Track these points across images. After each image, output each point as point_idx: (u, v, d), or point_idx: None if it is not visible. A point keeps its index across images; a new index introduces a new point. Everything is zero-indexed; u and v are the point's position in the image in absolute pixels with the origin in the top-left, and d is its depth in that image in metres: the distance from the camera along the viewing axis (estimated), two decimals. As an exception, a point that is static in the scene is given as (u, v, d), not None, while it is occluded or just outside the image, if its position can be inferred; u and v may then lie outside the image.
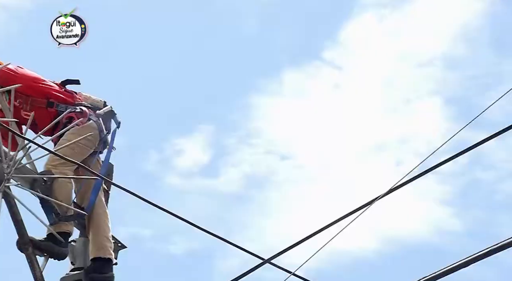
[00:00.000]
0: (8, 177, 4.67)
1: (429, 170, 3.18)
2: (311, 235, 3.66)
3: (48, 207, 4.89)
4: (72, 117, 5.20)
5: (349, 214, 3.41)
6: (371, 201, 3.30)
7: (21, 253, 4.80)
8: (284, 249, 3.80)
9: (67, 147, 4.99)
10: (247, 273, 3.86)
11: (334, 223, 3.45)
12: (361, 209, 3.34)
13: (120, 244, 5.41)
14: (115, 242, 5.31)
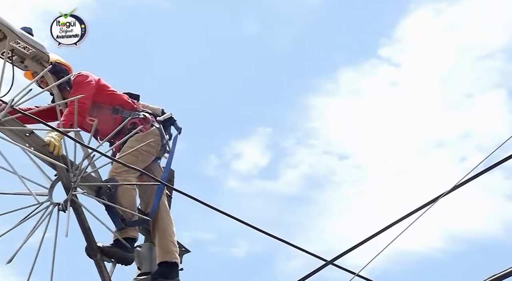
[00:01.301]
0: (75, 186, 4.73)
1: (496, 165, 3.08)
2: (374, 234, 3.59)
3: (114, 214, 4.93)
4: (136, 123, 5.24)
5: (412, 213, 3.33)
6: (435, 198, 3.22)
7: (90, 259, 4.85)
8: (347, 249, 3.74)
9: (130, 154, 5.03)
10: (310, 275, 3.82)
11: (397, 222, 3.38)
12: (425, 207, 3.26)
13: (184, 249, 5.44)
14: (180, 247, 5.34)
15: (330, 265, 3.84)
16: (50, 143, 4.65)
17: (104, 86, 5.28)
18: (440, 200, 3.21)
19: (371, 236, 3.58)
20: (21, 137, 4.54)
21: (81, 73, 5.19)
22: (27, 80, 5.04)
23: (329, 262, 3.83)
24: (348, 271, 3.84)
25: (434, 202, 3.23)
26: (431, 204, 3.24)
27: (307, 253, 4.01)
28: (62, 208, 4.66)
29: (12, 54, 4.70)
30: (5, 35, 4.59)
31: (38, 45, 4.75)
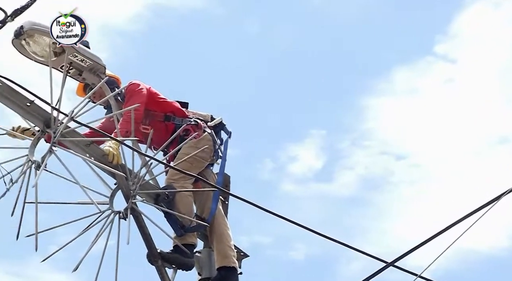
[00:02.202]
0: (134, 194, 4.79)
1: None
2: (436, 234, 3.56)
3: (173, 220, 4.99)
4: (188, 130, 5.29)
5: (476, 211, 3.29)
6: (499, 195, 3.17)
7: (152, 265, 4.91)
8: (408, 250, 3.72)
9: (186, 161, 5.07)
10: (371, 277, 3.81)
11: (461, 221, 3.34)
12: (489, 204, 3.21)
13: (242, 253, 5.47)
14: (238, 251, 5.37)
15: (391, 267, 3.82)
16: (109, 153, 4.72)
17: (155, 94, 5.34)
18: (504, 197, 3.16)
19: (433, 236, 3.56)
20: (81, 148, 4.62)
21: (132, 82, 5.27)
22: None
23: (390, 263, 3.81)
24: (410, 273, 3.81)
25: (498, 199, 3.18)
26: (495, 201, 3.19)
27: (367, 255, 3.99)
28: (123, 216, 4.71)
29: (71, 67, 4.80)
30: (64, 49, 4.69)
31: (94, 57, 4.85)
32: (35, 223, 4.27)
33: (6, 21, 3.86)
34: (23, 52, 4.64)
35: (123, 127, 4.89)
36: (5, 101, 4.26)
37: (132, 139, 4.88)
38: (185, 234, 5.02)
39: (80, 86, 5.26)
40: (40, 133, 4.44)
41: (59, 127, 4.40)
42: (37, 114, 4.39)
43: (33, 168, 4.32)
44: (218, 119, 5.54)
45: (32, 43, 4.61)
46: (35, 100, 4.30)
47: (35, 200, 4.26)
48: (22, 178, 4.31)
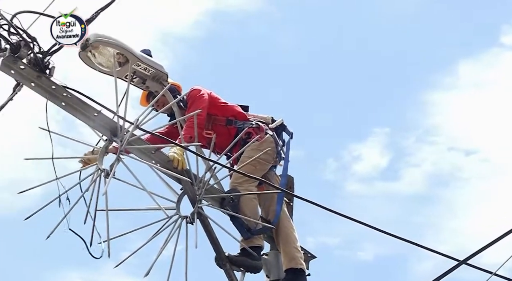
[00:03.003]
0: (200, 198, 4.86)
1: None
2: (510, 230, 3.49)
3: (239, 223, 5.04)
4: (250, 132, 5.34)
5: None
6: None
7: (220, 268, 4.97)
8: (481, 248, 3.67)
9: (249, 164, 5.12)
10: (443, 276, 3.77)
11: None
12: None
13: (310, 255, 5.48)
14: (305, 253, 5.40)
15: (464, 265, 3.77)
16: (174, 159, 4.79)
17: (216, 99, 5.40)
18: None
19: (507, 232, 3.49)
20: (147, 155, 4.71)
21: (194, 87, 5.34)
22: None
23: (463, 261, 3.77)
24: (484, 271, 3.75)
25: None
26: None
27: (438, 253, 3.95)
28: (190, 220, 4.78)
29: (134, 76, 4.89)
30: (127, 59, 4.79)
31: (157, 65, 4.94)
32: (107, 230, 4.36)
33: (73, 35, 3.96)
34: (89, 64, 4.76)
35: (186, 133, 4.96)
36: (74, 112, 4.37)
37: (196, 144, 4.95)
38: (251, 236, 5.06)
39: (143, 96, 5.36)
40: (108, 142, 4.54)
41: (125, 135, 4.49)
42: (104, 123, 4.50)
43: (103, 176, 4.41)
44: (279, 121, 5.57)
45: (98, 54, 4.73)
46: (102, 110, 4.40)
47: (106, 208, 4.35)
48: (92, 186, 4.41)
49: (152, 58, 4.95)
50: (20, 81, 4.07)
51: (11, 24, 3.85)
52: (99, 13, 3.99)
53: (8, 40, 3.88)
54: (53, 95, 4.24)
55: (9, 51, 3.93)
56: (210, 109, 5.28)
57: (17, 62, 4.01)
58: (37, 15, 3.99)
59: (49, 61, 4.09)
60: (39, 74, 4.10)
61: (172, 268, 4.70)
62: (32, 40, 3.97)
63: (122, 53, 4.76)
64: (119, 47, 4.71)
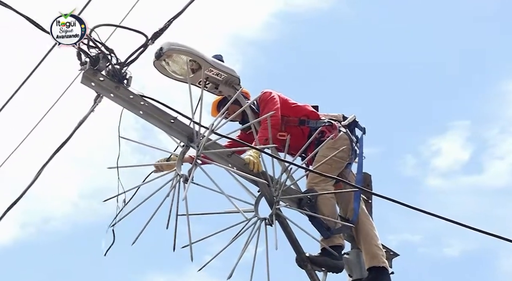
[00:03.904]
0: (277, 200, 5.13)
1: None
2: None
3: (318, 223, 5.28)
4: (324, 131, 5.58)
5: None
6: None
7: (302, 269, 5.23)
8: None
9: (325, 163, 5.37)
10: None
11: None
12: None
13: (392, 253, 5.68)
14: (387, 251, 5.59)
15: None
16: (250, 162, 5.08)
17: (286, 100, 5.67)
18: None
19: None
20: (223, 158, 5.02)
21: (264, 91, 5.63)
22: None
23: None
24: None
25: None
26: None
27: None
28: (269, 222, 5.06)
29: (207, 82, 5.24)
30: (200, 65, 5.14)
31: (229, 70, 5.27)
32: (188, 235, 4.70)
33: (147, 44, 4.32)
34: (163, 72, 5.13)
35: (261, 135, 5.24)
36: (151, 120, 4.73)
37: (271, 146, 5.21)
38: (331, 236, 5.28)
39: (214, 106, 5.68)
40: (185, 147, 4.88)
41: (201, 140, 4.81)
42: (181, 129, 4.84)
43: (182, 182, 4.75)
44: (351, 117, 5.77)
45: (171, 62, 5.09)
46: (177, 116, 4.75)
47: (186, 212, 4.68)
48: (172, 192, 4.75)
49: (224, 63, 5.29)
50: (100, 93, 4.45)
51: (90, 38, 4.24)
52: (171, 22, 4.33)
53: (88, 54, 4.27)
54: (131, 104, 4.61)
55: (89, 64, 4.32)
56: (282, 110, 5.53)
57: (96, 74, 4.39)
58: (113, 27, 4.37)
59: (126, 71, 4.46)
60: (117, 85, 4.47)
61: (254, 270, 4.99)
62: (110, 52, 4.34)
63: (195, 60, 5.11)
64: (192, 54, 5.05)
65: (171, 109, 4.69)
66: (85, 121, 4.36)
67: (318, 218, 5.25)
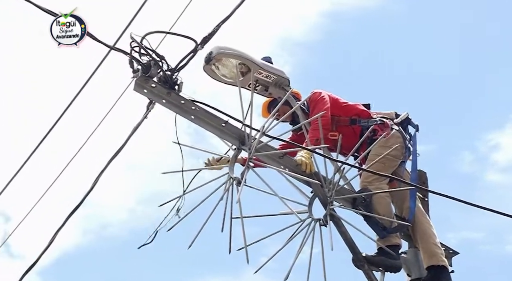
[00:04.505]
0: (331, 200, 5.31)
1: None
2: None
3: (374, 223, 5.45)
4: (376, 130, 5.73)
5: None
6: None
7: (358, 269, 5.39)
8: None
9: (378, 162, 5.51)
10: None
11: None
12: None
13: (451, 251, 5.79)
14: (446, 249, 5.70)
15: None
16: (302, 163, 5.27)
17: (336, 100, 5.85)
18: None
19: None
20: (275, 160, 5.22)
21: (313, 91, 5.82)
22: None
23: None
24: None
25: None
26: None
27: None
28: (323, 222, 5.24)
29: (257, 85, 5.45)
30: (249, 68, 5.37)
31: (278, 71, 5.48)
32: (243, 237, 4.90)
33: (197, 50, 4.56)
34: (213, 76, 5.37)
35: (312, 136, 5.43)
36: (202, 124, 4.96)
37: (323, 146, 5.38)
38: (387, 235, 5.43)
39: (264, 108, 5.91)
40: (237, 150, 5.10)
41: (253, 143, 5.02)
42: (232, 133, 5.06)
43: (235, 184, 4.96)
44: (404, 115, 5.90)
45: (221, 66, 5.33)
46: (229, 120, 4.97)
47: (240, 215, 4.89)
48: (225, 195, 4.97)
49: (273, 64, 5.50)
50: (152, 99, 4.69)
51: (141, 45, 4.49)
52: (220, 26, 4.55)
53: (140, 61, 4.53)
54: (183, 109, 4.84)
55: (141, 72, 4.57)
56: (332, 110, 5.71)
57: (148, 81, 4.63)
58: (163, 34, 4.62)
59: (177, 77, 4.70)
60: (169, 91, 4.70)
61: (310, 271, 5.18)
62: (161, 59, 4.59)
63: (244, 63, 5.34)
64: (241, 57, 5.29)
65: (222, 113, 4.90)
66: (139, 127, 4.61)
67: (373, 217, 5.40)
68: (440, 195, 4.45)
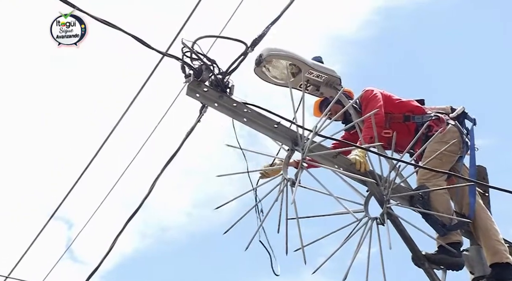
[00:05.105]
0: (387, 199, 5.46)
1: None
2: None
3: (433, 221, 5.57)
4: (431, 125, 5.87)
5: None
6: None
7: (419, 268, 5.53)
8: None
9: (435, 158, 5.63)
10: None
11: None
12: None
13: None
14: (510, 245, 5.78)
15: None
16: (356, 161, 5.44)
17: (389, 97, 6.01)
18: None
19: None
20: (329, 160, 5.41)
21: (366, 89, 5.99)
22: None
23: None
24: None
25: None
26: None
27: None
28: (380, 221, 5.38)
29: (308, 85, 5.66)
30: (300, 68, 5.57)
31: (329, 70, 5.68)
32: (300, 238, 5.10)
33: (247, 52, 4.78)
34: (264, 78, 5.59)
35: (366, 134, 5.60)
36: (255, 126, 5.17)
37: (377, 145, 5.55)
38: (447, 233, 5.54)
39: (316, 107, 6.10)
40: (290, 151, 5.31)
41: (305, 143, 5.22)
42: (285, 134, 5.27)
43: (289, 185, 5.17)
44: (459, 109, 6.01)
45: (271, 68, 5.54)
46: (281, 121, 5.18)
47: (296, 216, 5.09)
48: (280, 196, 5.19)
49: (323, 64, 5.70)
50: (204, 103, 4.92)
51: (192, 50, 4.73)
52: (269, 28, 4.76)
53: (191, 66, 4.78)
54: (235, 112, 5.07)
55: (193, 76, 4.81)
56: (385, 107, 5.86)
57: (200, 85, 4.86)
58: (214, 38, 4.86)
59: (229, 80, 4.94)
60: (221, 94, 4.94)
61: (369, 270, 5.35)
62: (212, 63, 4.82)
63: (295, 64, 5.54)
64: (291, 58, 5.50)
65: (274, 114, 5.11)
66: (192, 132, 4.86)
67: (432, 215, 5.52)
68: (501, 190, 4.53)
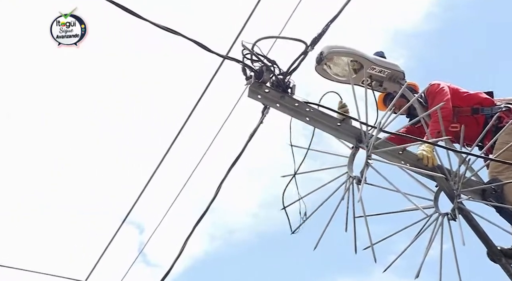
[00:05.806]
0: (458, 193, 5.60)
1: None
2: None
3: (507, 214, 5.69)
4: (501, 117, 6.00)
5: None
6: None
7: (495, 263, 5.65)
8: None
9: (507, 150, 5.76)
10: None
11: None
12: None
13: None
14: None
15: None
16: (423, 157, 5.60)
17: (456, 90, 6.17)
18: None
19: None
20: (395, 156, 5.57)
21: (431, 83, 6.15)
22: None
23: None
24: None
25: None
26: None
27: None
28: (451, 217, 5.53)
29: (371, 80, 5.86)
30: (362, 65, 5.76)
31: (391, 65, 5.86)
32: (368, 236, 5.31)
33: (307, 51, 5.03)
34: (326, 76, 5.79)
35: (433, 128, 5.77)
36: (317, 125, 5.39)
37: (444, 139, 5.70)
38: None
39: (380, 101, 6.27)
40: (354, 149, 5.53)
41: (370, 140, 5.43)
42: (348, 131, 5.48)
43: (355, 183, 5.38)
44: (532, 99, 6.15)
45: (333, 65, 5.74)
46: (344, 119, 5.40)
47: (363, 214, 5.30)
48: (346, 194, 5.40)
49: (385, 59, 5.89)
50: (266, 104, 5.16)
51: (253, 52, 4.98)
52: (329, 26, 4.99)
53: (252, 68, 5.04)
54: (297, 112, 5.28)
55: (254, 78, 5.06)
56: (452, 101, 6.03)
57: (261, 86, 5.10)
58: (273, 39, 5.12)
59: (290, 80, 5.17)
60: (282, 95, 5.17)
61: (442, 267, 5.50)
62: (272, 64, 5.07)
63: (356, 60, 5.72)
64: (352, 54, 5.68)
65: (336, 112, 5.34)
66: (256, 133, 5.12)
67: (507, 208, 5.63)
68: None
